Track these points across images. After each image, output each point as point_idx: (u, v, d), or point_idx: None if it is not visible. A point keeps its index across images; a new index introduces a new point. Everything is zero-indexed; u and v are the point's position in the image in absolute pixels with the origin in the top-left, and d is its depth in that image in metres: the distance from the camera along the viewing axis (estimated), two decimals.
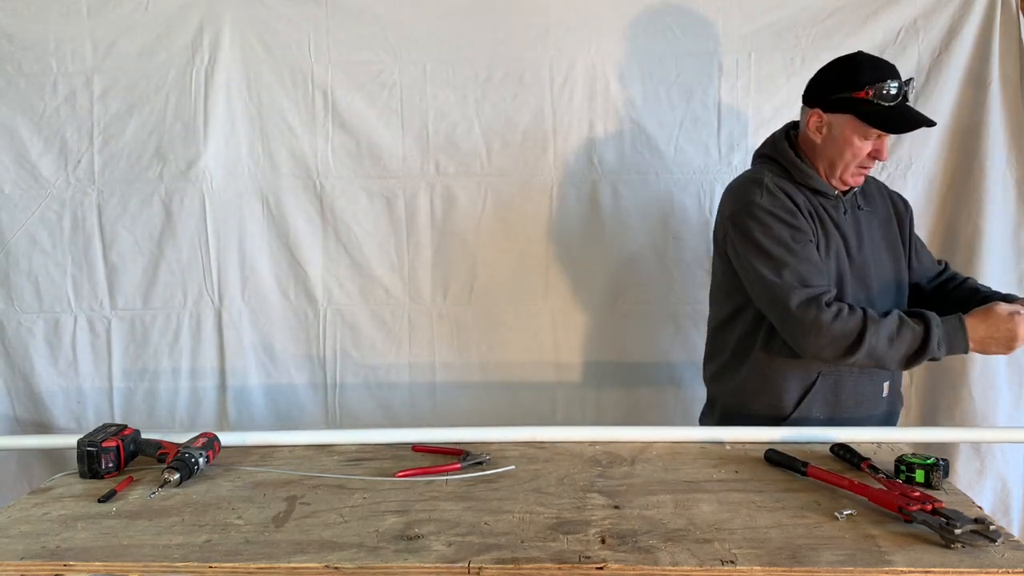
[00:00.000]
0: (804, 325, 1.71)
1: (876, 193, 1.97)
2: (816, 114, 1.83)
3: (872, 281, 1.86)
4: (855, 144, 1.78)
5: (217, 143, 2.41)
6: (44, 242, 2.47)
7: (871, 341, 1.67)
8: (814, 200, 1.84)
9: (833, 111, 1.80)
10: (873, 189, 1.97)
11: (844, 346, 1.69)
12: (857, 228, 1.87)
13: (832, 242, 1.82)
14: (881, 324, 1.68)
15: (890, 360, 1.71)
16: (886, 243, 1.92)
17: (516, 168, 2.43)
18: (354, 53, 2.39)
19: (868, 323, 1.68)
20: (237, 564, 1.25)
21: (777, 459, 1.62)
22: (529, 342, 2.50)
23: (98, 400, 2.53)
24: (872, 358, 1.70)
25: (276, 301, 2.51)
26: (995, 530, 1.26)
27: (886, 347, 1.68)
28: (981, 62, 2.32)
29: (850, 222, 1.87)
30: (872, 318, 1.68)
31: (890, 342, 1.68)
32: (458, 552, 1.26)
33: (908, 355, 1.69)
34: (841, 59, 1.84)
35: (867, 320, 1.68)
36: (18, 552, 1.29)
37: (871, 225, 1.91)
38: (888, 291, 1.89)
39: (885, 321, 1.69)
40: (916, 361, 1.70)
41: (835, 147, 1.81)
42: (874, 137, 1.78)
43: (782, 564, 1.22)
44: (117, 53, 2.39)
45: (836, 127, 1.80)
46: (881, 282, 1.88)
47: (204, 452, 1.60)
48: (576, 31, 2.37)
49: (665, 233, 2.44)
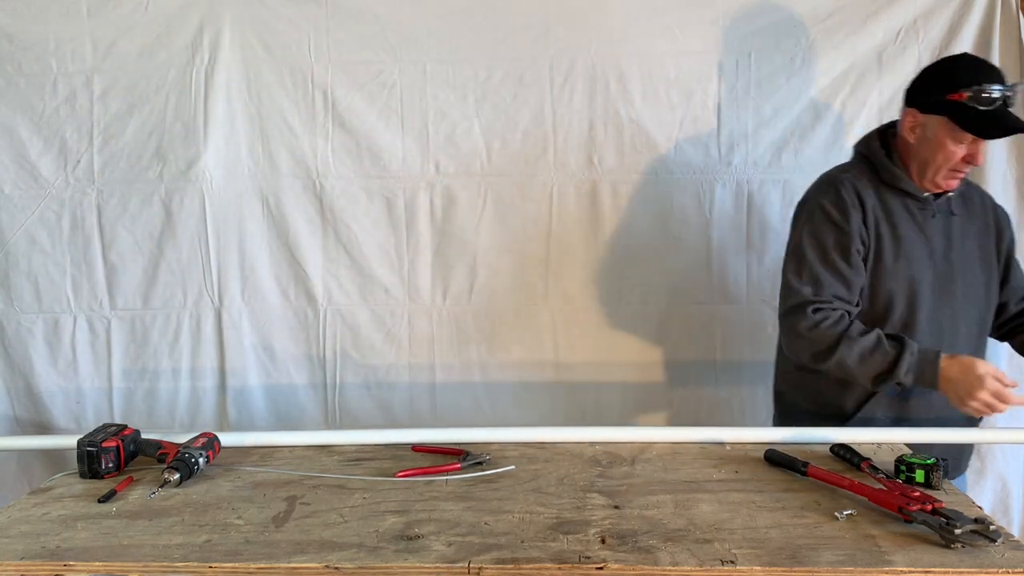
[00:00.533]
0: (786, 324, 1.81)
1: (978, 202, 1.91)
2: (911, 114, 1.79)
3: (957, 289, 1.83)
4: (948, 147, 1.73)
5: (217, 143, 2.41)
6: (43, 242, 2.47)
7: (842, 354, 1.71)
8: (899, 201, 1.81)
9: (928, 112, 1.75)
10: (976, 197, 1.91)
11: (815, 352, 1.75)
12: (947, 234, 1.83)
13: (907, 246, 1.79)
14: (856, 341, 1.71)
15: (859, 375, 1.74)
16: (981, 254, 1.87)
17: (516, 168, 2.43)
18: (354, 53, 2.39)
19: (843, 338, 1.71)
20: (237, 564, 1.25)
21: (777, 459, 1.62)
22: (529, 342, 2.50)
23: (98, 400, 2.53)
24: (842, 370, 1.74)
25: (276, 301, 2.50)
26: (995, 530, 1.26)
27: (856, 363, 1.72)
28: None
29: (939, 227, 1.83)
30: (849, 335, 1.72)
31: (860, 359, 1.71)
32: (458, 552, 1.26)
33: (876, 375, 1.72)
34: (944, 59, 1.82)
35: (844, 335, 1.72)
36: (18, 552, 1.29)
37: (965, 233, 1.85)
38: (974, 303, 1.86)
39: (861, 339, 1.71)
40: (884, 382, 1.72)
41: (928, 149, 1.76)
42: (968, 141, 1.72)
43: (782, 564, 1.22)
44: (117, 53, 2.39)
45: (930, 128, 1.75)
46: (968, 292, 1.84)
47: (204, 452, 1.60)
48: (576, 31, 2.37)
49: (665, 233, 2.44)
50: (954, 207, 1.85)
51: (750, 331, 2.47)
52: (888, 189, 1.82)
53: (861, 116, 2.37)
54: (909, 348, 1.69)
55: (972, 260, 1.86)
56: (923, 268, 1.80)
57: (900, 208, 1.81)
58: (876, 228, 1.79)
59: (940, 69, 1.79)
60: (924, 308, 1.81)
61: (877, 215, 1.79)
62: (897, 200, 1.82)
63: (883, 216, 1.80)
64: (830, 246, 1.77)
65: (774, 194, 2.40)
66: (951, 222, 1.85)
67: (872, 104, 2.36)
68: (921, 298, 1.80)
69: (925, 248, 1.81)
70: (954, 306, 1.83)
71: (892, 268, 1.79)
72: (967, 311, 1.85)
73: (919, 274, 1.80)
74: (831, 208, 1.79)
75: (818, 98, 2.38)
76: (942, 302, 1.82)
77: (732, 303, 2.46)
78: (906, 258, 1.80)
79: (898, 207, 1.81)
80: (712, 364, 2.49)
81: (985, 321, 1.89)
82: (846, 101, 2.37)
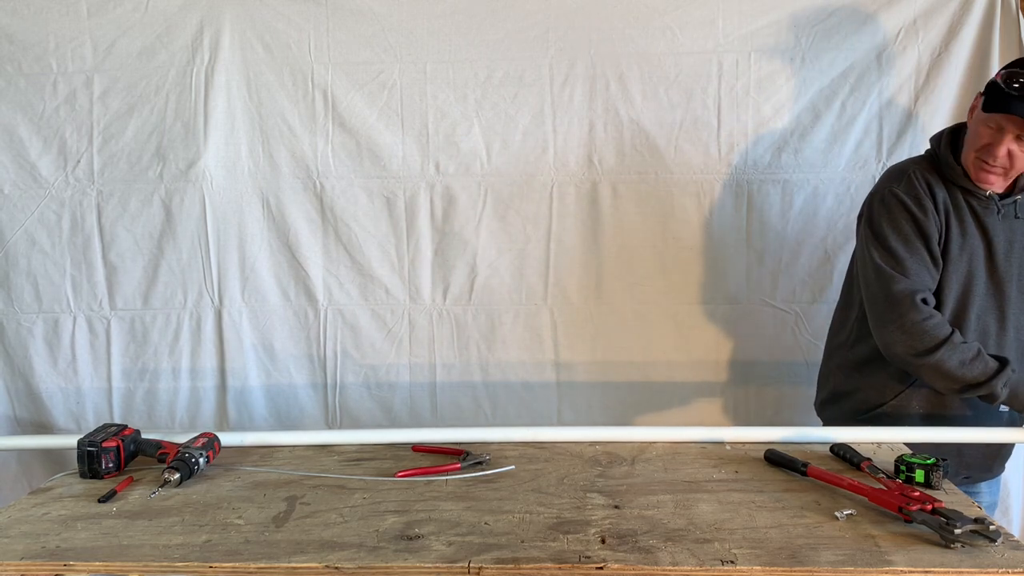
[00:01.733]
0: (892, 313, 1.74)
1: None
2: (977, 98, 1.80)
3: (1010, 291, 1.83)
4: (978, 132, 1.75)
5: (217, 143, 2.41)
6: (43, 242, 2.47)
7: (943, 355, 1.70)
8: (963, 199, 1.81)
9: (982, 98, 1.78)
10: None
11: (918, 348, 1.72)
12: (1009, 235, 1.83)
13: (970, 243, 1.80)
14: (959, 347, 1.71)
15: (954, 379, 1.72)
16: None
17: (516, 168, 2.43)
18: (354, 53, 2.39)
19: (948, 341, 1.71)
20: (237, 564, 1.25)
21: (777, 459, 1.62)
22: (529, 342, 2.50)
23: (97, 400, 2.53)
24: (936, 371, 1.72)
25: (276, 301, 2.51)
26: (995, 530, 1.26)
27: (956, 366, 1.71)
28: (981, 62, 2.32)
29: (1001, 227, 1.82)
30: (953, 340, 1.71)
31: (961, 364, 1.71)
32: (458, 552, 1.26)
33: (971, 383, 1.72)
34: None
35: (949, 338, 1.71)
36: (18, 552, 1.29)
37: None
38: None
39: (964, 346, 1.72)
40: (974, 391, 1.72)
41: (969, 133, 1.80)
42: (994, 127, 1.72)
43: (782, 564, 1.22)
44: (117, 53, 2.39)
45: (975, 113, 1.79)
46: (1020, 294, 1.84)
47: (204, 452, 1.60)
48: (576, 31, 2.37)
49: (665, 233, 2.44)
50: (1020, 211, 1.84)
51: (750, 331, 2.47)
52: (952, 184, 1.82)
53: (861, 116, 2.37)
54: (1011, 366, 1.72)
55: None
56: (979, 266, 1.81)
57: (965, 205, 1.82)
58: (946, 219, 1.79)
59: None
60: (975, 305, 1.81)
61: (947, 206, 1.80)
62: (961, 195, 1.82)
63: (952, 208, 1.80)
64: (912, 234, 1.78)
65: (774, 194, 2.40)
66: (1015, 225, 1.84)
67: (872, 104, 2.36)
68: (974, 295, 1.81)
69: (985, 246, 1.82)
70: (1005, 308, 1.83)
71: (956, 261, 1.80)
72: (1019, 315, 1.85)
73: (975, 270, 1.81)
74: (906, 197, 1.79)
75: (818, 98, 2.38)
76: (993, 302, 1.83)
77: (732, 303, 2.46)
78: (968, 253, 1.80)
79: (964, 203, 1.81)
80: (712, 364, 2.49)
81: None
82: (846, 101, 2.37)
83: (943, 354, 1.70)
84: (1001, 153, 1.73)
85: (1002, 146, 1.73)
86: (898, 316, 1.74)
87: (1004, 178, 1.79)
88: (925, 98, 2.35)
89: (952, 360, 1.71)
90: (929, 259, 1.78)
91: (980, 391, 1.72)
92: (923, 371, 1.76)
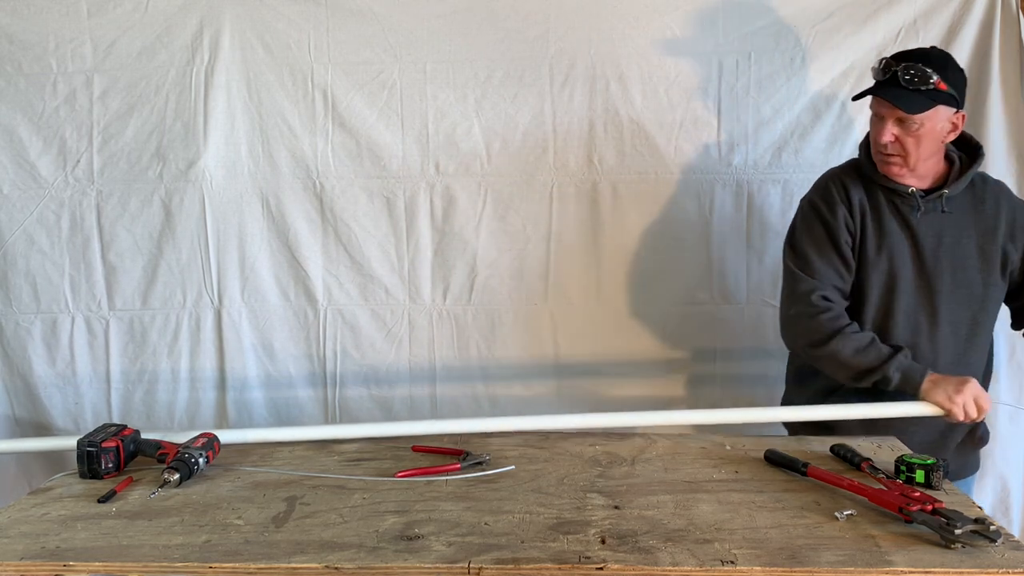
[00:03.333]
0: (792, 309, 1.86)
1: (991, 201, 1.89)
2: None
3: (942, 286, 1.85)
4: (870, 127, 1.85)
5: (217, 143, 2.41)
6: (42, 242, 2.47)
7: (837, 345, 1.78)
8: (884, 198, 1.86)
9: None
10: (991, 194, 1.90)
11: (813, 339, 1.82)
12: (937, 231, 1.85)
13: (890, 242, 1.84)
14: (852, 336, 1.79)
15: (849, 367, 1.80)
16: (980, 254, 1.86)
17: (516, 168, 2.43)
18: (354, 53, 2.39)
19: (841, 331, 1.79)
20: (237, 564, 1.25)
21: (777, 459, 1.62)
22: (529, 342, 2.50)
23: (96, 400, 2.53)
24: (833, 361, 1.81)
25: (276, 301, 2.50)
26: (995, 530, 1.26)
27: (850, 355, 1.79)
28: (981, 62, 2.31)
29: (928, 224, 1.84)
30: (846, 331, 1.79)
31: (855, 352, 1.78)
32: (458, 552, 1.26)
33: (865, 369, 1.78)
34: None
35: (842, 329, 1.79)
36: (18, 552, 1.29)
37: (961, 231, 1.85)
38: (965, 302, 1.87)
39: (858, 335, 1.80)
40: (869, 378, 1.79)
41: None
42: (875, 117, 1.82)
43: (782, 564, 1.22)
44: (117, 53, 2.39)
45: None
46: (958, 291, 1.86)
47: (204, 452, 1.60)
48: (576, 31, 2.37)
49: (665, 233, 2.44)
50: (947, 205, 1.85)
51: (750, 331, 2.46)
52: (875, 186, 1.87)
53: (861, 116, 2.37)
54: (904, 352, 1.79)
55: (968, 260, 1.86)
56: (904, 263, 1.85)
57: (887, 204, 1.86)
58: (862, 221, 1.85)
59: None
60: (902, 302, 1.85)
61: (864, 208, 1.86)
62: (884, 196, 1.86)
63: (869, 210, 1.86)
64: (822, 238, 1.85)
65: (774, 194, 2.40)
66: (943, 220, 1.86)
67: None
68: (900, 292, 1.85)
69: (909, 243, 1.85)
70: (936, 304, 1.86)
71: (874, 260, 1.85)
72: (954, 310, 1.87)
73: (899, 268, 1.84)
74: (819, 203, 1.88)
75: (818, 98, 2.38)
76: (923, 299, 1.86)
77: (732, 303, 2.46)
78: (888, 251, 1.84)
79: (885, 203, 1.86)
80: (712, 364, 2.49)
81: (979, 323, 1.89)
82: (846, 101, 2.37)
83: (837, 344, 1.78)
84: (887, 139, 1.79)
85: (885, 132, 1.79)
86: (796, 312, 1.85)
87: (906, 167, 1.83)
88: None
89: (847, 349, 1.78)
90: (839, 261, 1.85)
91: (874, 376, 1.77)
92: (822, 362, 1.84)
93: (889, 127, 1.78)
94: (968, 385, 1.73)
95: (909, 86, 1.75)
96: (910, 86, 1.75)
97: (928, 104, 1.75)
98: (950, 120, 1.80)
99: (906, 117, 1.76)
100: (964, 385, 1.72)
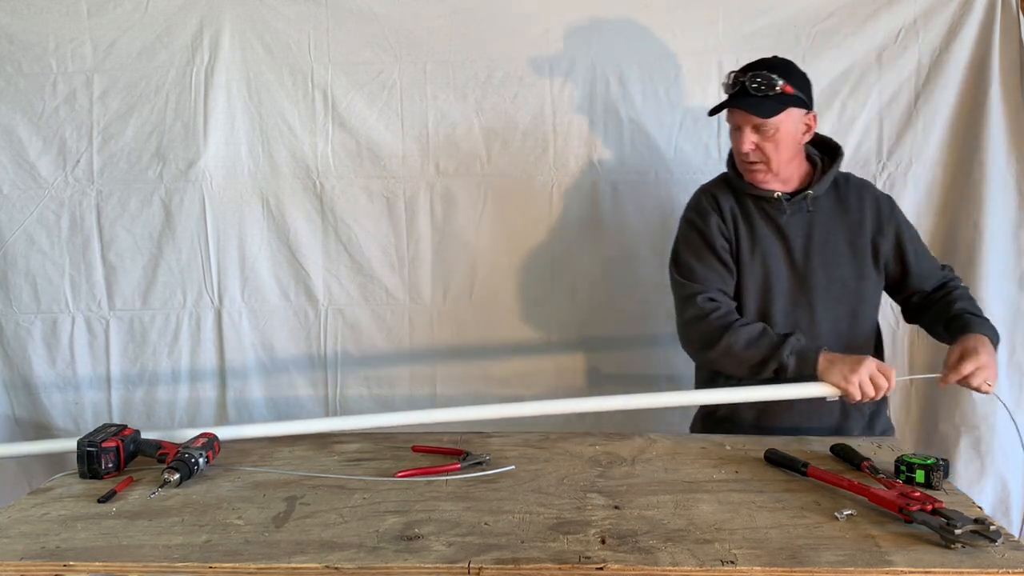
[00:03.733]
0: (683, 316, 1.89)
1: (855, 197, 1.95)
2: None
3: (817, 283, 1.89)
4: (732, 136, 1.88)
5: (217, 143, 2.41)
6: (42, 242, 2.47)
7: (729, 340, 1.79)
8: (753, 205, 1.90)
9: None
10: (853, 193, 1.95)
11: (706, 340, 1.83)
12: (806, 231, 1.90)
13: (762, 245, 1.89)
14: (743, 329, 1.80)
15: (745, 360, 1.80)
16: (850, 250, 1.91)
17: (516, 168, 2.43)
18: (354, 53, 2.39)
19: (731, 326, 1.80)
20: (237, 564, 1.25)
21: (777, 459, 1.62)
22: (529, 342, 2.50)
23: (96, 400, 2.53)
24: (729, 356, 1.80)
25: (276, 301, 2.50)
26: (995, 530, 1.26)
27: (743, 347, 1.79)
28: (981, 62, 2.31)
29: (797, 225, 1.89)
30: (736, 325, 1.81)
31: (748, 344, 1.79)
32: (458, 552, 1.26)
33: (760, 359, 1.78)
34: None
35: (732, 324, 1.81)
36: (18, 552, 1.29)
37: (830, 229, 1.90)
38: (841, 299, 1.90)
39: (748, 327, 1.81)
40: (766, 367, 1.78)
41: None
42: (733, 128, 1.86)
43: (782, 564, 1.22)
44: (117, 53, 2.39)
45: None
46: (832, 287, 1.89)
47: (204, 452, 1.60)
48: (576, 31, 2.37)
49: (665, 233, 2.42)
50: (812, 205, 1.90)
51: None
52: (744, 195, 1.92)
53: (861, 116, 2.37)
54: (795, 335, 1.79)
55: (838, 256, 1.90)
56: (778, 264, 1.89)
57: (756, 209, 1.91)
58: (734, 227, 1.90)
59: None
60: (779, 303, 1.88)
61: (735, 215, 1.91)
62: (753, 202, 1.91)
63: (741, 216, 1.90)
64: (700, 246, 1.90)
65: None
66: (811, 219, 1.90)
67: (872, 104, 2.36)
68: (775, 293, 1.88)
69: (781, 246, 1.89)
70: (814, 302, 1.89)
71: (749, 264, 1.88)
72: (830, 307, 1.90)
73: (773, 270, 1.88)
74: (693, 216, 1.93)
75: (818, 98, 2.36)
76: (800, 298, 1.89)
77: None
78: (761, 254, 1.88)
79: (754, 208, 1.91)
80: None
81: (859, 316, 1.93)
82: (846, 101, 2.37)
83: (729, 338, 1.79)
84: (747, 147, 1.83)
85: (745, 141, 1.83)
86: (687, 317, 1.87)
87: (770, 172, 1.86)
88: (925, 98, 2.34)
89: (739, 342, 1.79)
90: (719, 265, 1.88)
91: (771, 364, 1.77)
92: (719, 361, 1.85)
93: (748, 136, 1.82)
94: (863, 365, 1.71)
95: (758, 93, 1.80)
96: (759, 93, 1.80)
97: (778, 108, 1.80)
98: (803, 121, 1.86)
99: (761, 123, 1.80)
100: (859, 364, 1.71)
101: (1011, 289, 2.38)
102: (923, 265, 1.98)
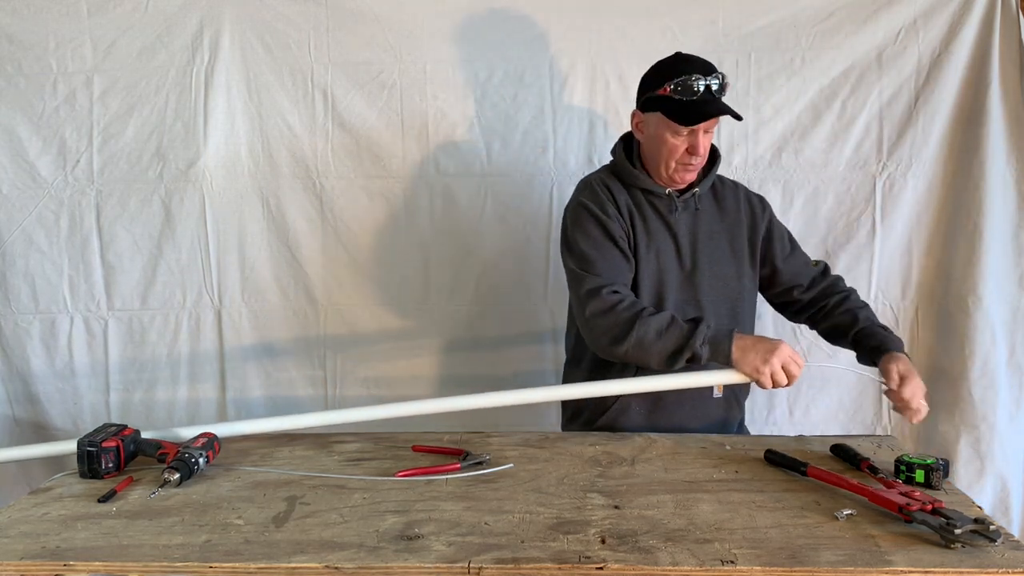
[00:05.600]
0: (587, 310, 1.79)
1: (731, 196, 1.97)
2: (635, 114, 1.89)
3: (702, 280, 1.90)
4: (668, 141, 1.80)
5: (217, 143, 2.41)
6: (41, 242, 2.47)
7: (640, 332, 1.72)
8: (646, 198, 1.89)
9: (646, 110, 1.84)
10: (729, 192, 1.98)
11: (615, 333, 1.75)
12: (692, 229, 1.90)
13: (656, 240, 1.88)
14: (652, 319, 1.74)
15: (657, 351, 1.73)
16: (731, 248, 1.93)
17: (516, 168, 2.43)
18: (354, 53, 2.39)
19: (639, 317, 1.74)
20: (237, 564, 1.25)
21: (777, 459, 1.62)
22: (529, 342, 2.50)
23: (95, 401, 2.53)
24: (640, 348, 1.73)
25: (276, 301, 2.50)
26: (995, 530, 1.26)
27: (654, 338, 1.72)
28: (981, 62, 2.32)
29: (684, 222, 1.90)
30: (644, 315, 1.74)
31: (658, 334, 1.73)
32: (458, 552, 1.26)
33: (673, 349, 1.72)
34: (659, 60, 1.87)
35: (639, 314, 1.74)
36: (18, 552, 1.29)
37: (713, 228, 1.92)
38: (723, 296, 1.92)
39: (657, 316, 1.75)
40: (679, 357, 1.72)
41: (653, 145, 1.85)
42: (685, 133, 1.79)
43: (782, 564, 1.22)
44: (117, 53, 2.39)
45: (651, 125, 1.84)
46: (715, 285, 1.91)
47: (204, 452, 1.60)
48: (576, 31, 2.37)
49: None
50: (699, 203, 1.91)
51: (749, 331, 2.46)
52: (635, 189, 1.90)
53: (861, 116, 2.37)
54: (705, 322, 1.75)
55: (720, 254, 1.92)
56: (669, 261, 1.89)
57: (647, 204, 1.89)
58: (631, 221, 1.87)
59: (652, 68, 1.87)
60: (671, 299, 1.88)
61: (630, 209, 1.88)
62: (644, 197, 1.90)
63: (635, 210, 1.88)
64: (599, 236, 1.84)
65: (774, 194, 2.39)
66: (697, 217, 1.91)
67: (872, 104, 2.36)
68: (668, 288, 1.88)
69: (671, 242, 1.89)
70: (700, 298, 1.90)
71: (645, 258, 1.87)
72: (715, 304, 1.91)
73: (666, 266, 1.88)
74: (590, 203, 1.86)
75: (818, 98, 2.38)
76: (688, 294, 1.90)
77: None
78: (655, 250, 1.88)
79: (646, 203, 1.89)
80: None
81: (739, 313, 1.94)
82: (846, 101, 2.37)
83: (639, 330, 1.72)
84: (704, 150, 1.81)
85: (700, 144, 1.80)
86: (592, 311, 1.78)
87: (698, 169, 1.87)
88: (925, 98, 2.35)
89: (649, 333, 1.72)
90: (620, 256, 1.84)
91: (684, 354, 1.72)
92: (630, 355, 1.75)
93: (703, 138, 1.80)
94: (776, 354, 1.69)
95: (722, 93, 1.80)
96: (723, 94, 1.80)
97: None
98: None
99: (713, 123, 1.80)
100: (771, 354, 1.69)
101: (1011, 289, 2.38)
102: (791, 262, 1.99)
